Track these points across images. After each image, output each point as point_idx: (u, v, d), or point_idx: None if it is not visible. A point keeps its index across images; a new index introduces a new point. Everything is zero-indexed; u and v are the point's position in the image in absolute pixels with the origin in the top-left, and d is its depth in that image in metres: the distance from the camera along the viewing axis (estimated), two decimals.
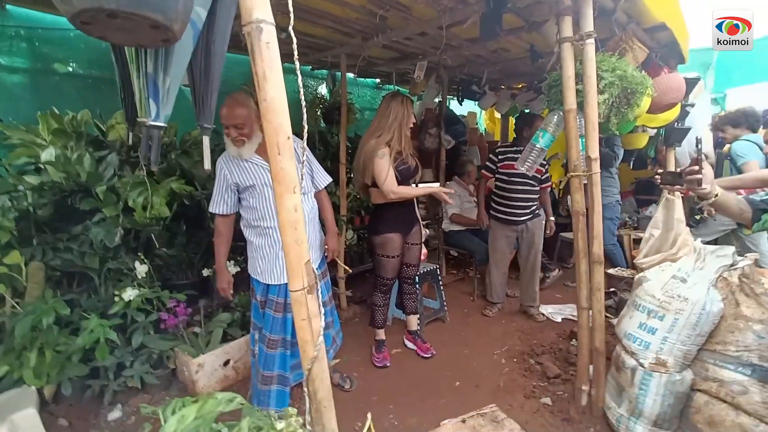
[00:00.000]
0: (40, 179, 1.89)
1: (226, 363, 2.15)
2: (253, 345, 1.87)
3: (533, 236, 2.94)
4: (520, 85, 4.23)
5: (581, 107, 1.68)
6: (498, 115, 5.19)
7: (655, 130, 3.15)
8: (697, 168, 1.23)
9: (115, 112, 2.12)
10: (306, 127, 0.90)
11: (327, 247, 1.95)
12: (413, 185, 2.23)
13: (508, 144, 3.07)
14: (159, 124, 1.02)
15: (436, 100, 3.68)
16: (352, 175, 2.41)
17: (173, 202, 2.11)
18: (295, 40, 0.85)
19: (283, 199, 0.83)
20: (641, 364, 1.63)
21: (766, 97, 3.98)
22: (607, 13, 1.83)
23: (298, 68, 0.84)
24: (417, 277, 2.50)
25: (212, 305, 2.37)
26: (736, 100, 4.48)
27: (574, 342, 2.36)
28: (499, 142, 5.09)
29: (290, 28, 0.85)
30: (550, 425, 1.83)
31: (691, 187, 1.26)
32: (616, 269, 3.22)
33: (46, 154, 1.88)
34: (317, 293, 0.89)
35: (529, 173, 2.16)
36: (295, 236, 0.84)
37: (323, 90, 3.70)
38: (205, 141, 1.09)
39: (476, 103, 4.15)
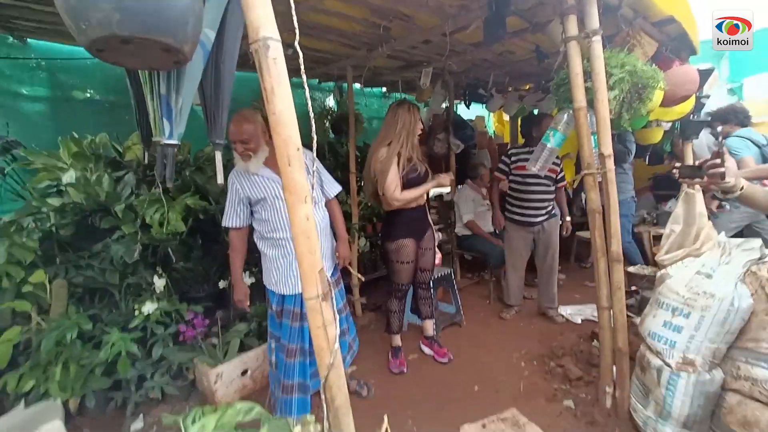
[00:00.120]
0: (62, 201, 1.97)
1: (244, 372, 2.17)
2: (270, 354, 1.89)
3: (550, 237, 2.89)
4: (528, 87, 4.20)
5: (591, 105, 1.66)
6: (507, 118, 5.16)
7: (669, 124, 3.08)
8: (719, 161, 1.19)
9: (131, 134, 2.21)
10: (315, 139, 0.91)
11: (338, 255, 1.96)
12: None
13: (520, 145, 3.04)
14: (173, 142, 1.06)
15: (444, 106, 3.68)
16: (362, 184, 2.43)
17: (189, 217, 2.17)
18: (301, 55, 0.87)
19: (296, 209, 0.84)
20: (667, 364, 1.57)
21: None
22: (613, 10, 1.82)
23: (305, 82, 0.86)
24: (432, 282, 2.48)
25: (229, 316, 2.40)
26: (753, 89, 4.35)
27: (596, 343, 2.30)
28: (509, 145, 5.05)
29: (296, 44, 0.87)
30: (573, 429, 1.78)
31: (714, 181, 1.22)
32: (636, 267, 3.12)
33: (67, 177, 1.96)
34: (331, 301, 0.90)
35: (541, 173, 2.14)
36: (308, 245, 0.85)
37: (331, 102, 3.75)
38: (218, 156, 1.13)
39: (484, 106, 4.14)
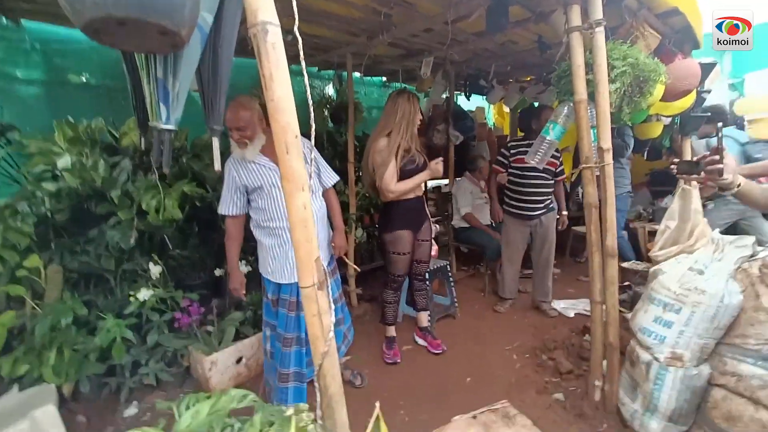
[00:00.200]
0: (58, 185, 1.95)
1: (239, 360, 2.19)
2: (265, 342, 1.90)
3: (547, 231, 2.89)
4: (529, 78, 4.16)
5: (592, 97, 1.64)
6: (507, 110, 5.12)
7: (669, 119, 3.06)
8: (717, 157, 1.18)
9: (128, 119, 2.17)
10: (314, 127, 0.90)
11: (335, 245, 1.96)
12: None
13: (519, 138, 3.02)
14: (169, 127, 1.04)
15: (444, 96, 3.65)
16: (361, 174, 2.42)
17: (185, 204, 2.15)
18: (300, 42, 0.86)
19: (293, 197, 0.83)
20: (656, 359, 1.60)
21: None
22: (617, 0, 1.79)
23: (305, 69, 0.84)
24: (428, 274, 2.50)
25: (225, 304, 2.41)
26: (755, 84, 4.33)
27: (587, 337, 2.33)
28: (509, 137, 5.03)
29: (295, 29, 0.86)
30: (562, 421, 1.81)
31: (711, 178, 1.21)
32: (630, 263, 3.15)
33: (63, 162, 1.94)
34: (327, 289, 0.90)
35: (540, 166, 2.13)
36: (305, 234, 0.85)
37: (330, 90, 3.71)
38: (215, 143, 1.11)
39: (484, 97, 4.11)
